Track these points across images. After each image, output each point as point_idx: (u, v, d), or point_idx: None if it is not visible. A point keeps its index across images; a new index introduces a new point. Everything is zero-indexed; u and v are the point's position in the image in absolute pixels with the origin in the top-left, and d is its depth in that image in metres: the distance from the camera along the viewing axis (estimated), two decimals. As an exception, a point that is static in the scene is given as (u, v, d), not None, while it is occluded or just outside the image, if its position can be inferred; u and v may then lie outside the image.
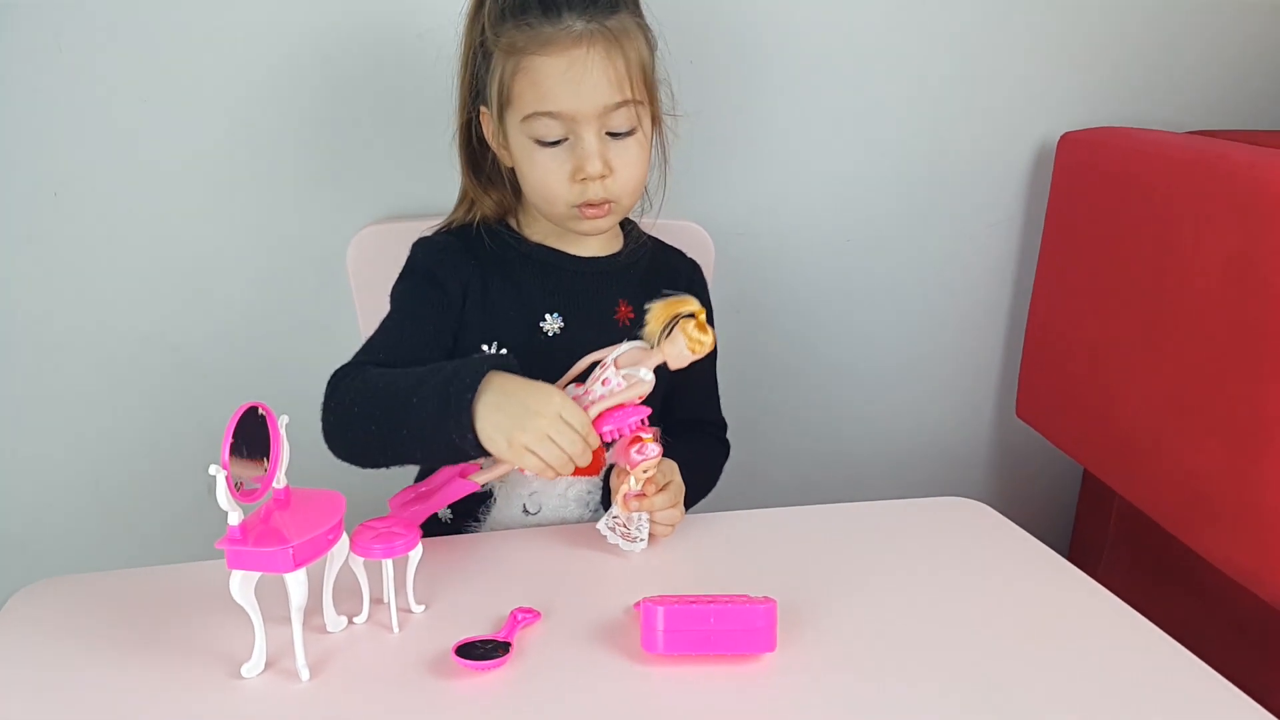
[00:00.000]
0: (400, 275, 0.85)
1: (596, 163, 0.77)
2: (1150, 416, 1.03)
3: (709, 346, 0.70)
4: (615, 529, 0.76)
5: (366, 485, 0.77)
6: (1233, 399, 0.91)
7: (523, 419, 0.67)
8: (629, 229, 0.91)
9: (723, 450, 0.97)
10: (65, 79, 1.01)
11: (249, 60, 1.04)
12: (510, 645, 0.63)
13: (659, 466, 0.75)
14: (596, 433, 0.70)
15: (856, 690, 0.60)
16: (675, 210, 0.93)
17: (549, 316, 0.84)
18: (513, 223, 0.89)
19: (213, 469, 0.55)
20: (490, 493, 0.85)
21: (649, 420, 0.73)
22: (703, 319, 0.70)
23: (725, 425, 0.98)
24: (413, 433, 0.70)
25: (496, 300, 0.84)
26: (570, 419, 0.68)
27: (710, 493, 0.92)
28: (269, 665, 0.62)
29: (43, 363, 1.11)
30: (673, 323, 0.70)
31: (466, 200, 0.89)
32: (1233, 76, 1.27)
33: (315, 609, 0.65)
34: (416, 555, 0.67)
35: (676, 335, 0.70)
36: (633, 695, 0.60)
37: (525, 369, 0.72)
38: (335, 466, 0.74)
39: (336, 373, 0.77)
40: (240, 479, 0.57)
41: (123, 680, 0.61)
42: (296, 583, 0.59)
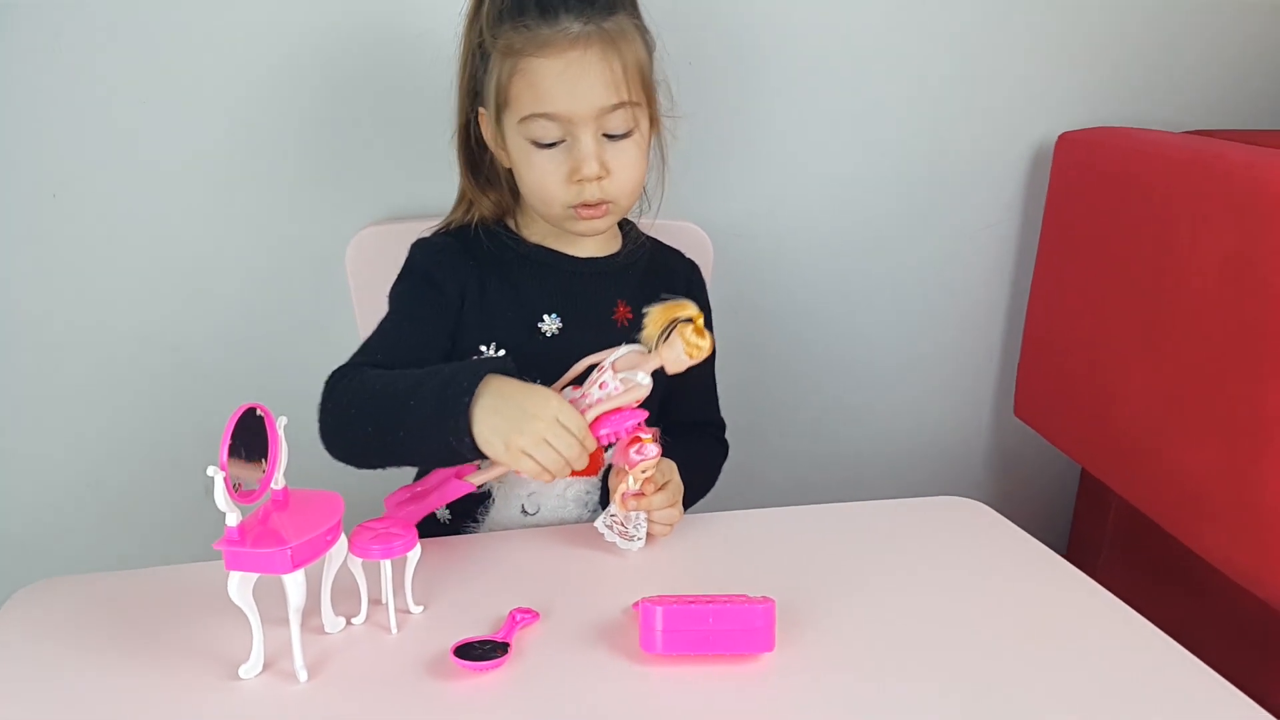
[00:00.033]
0: (398, 276, 0.85)
1: (593, 164, 0.77)
2: (1148, 416, 1.03)
3: (707, 351, 0.70)
4: (613, 527, 0.76)
5: (365, 486, 0.77)
6: (1231, 398, 0.91)
7: (520, 422, 0.67)
8: (627, 229, 0.91)
9: (721, 450, 0.97)
10: (65, 79, 1.01)
11: (248, 61, 1.04)
12: (509, 646, 0.63)
13: (657, 466, 0.75)
14: (593, 436, 0.70)
15: (855, 690, 0.60)
16: (674, 211, 0.93)
17: (547, 317, 0.84)
18: (511, 223, 0.89)
19: (211, 470, 0.55)
20: (489, 493, 0.85)
21: (646, 422, 0.73)
22: (701, 324, 0.70)
23: (724, 425, 0.98)
24: (410, 435, 0.70)
25: (495, 301, 0.84)
26: (567, 423, 0.68)
27: (709, 493, 0.92)
28: (267, 666, 0.62)
29: (42, 363, 1.11)
30: (671, 327, 0.70)
31: (465, 201, 0.89)
32: (1230, 76, 1.27)
33: (313, 610, 0.65)
34: (415, 556, 0.67)
35: (674, 340, 0.70)
36: (632, 695, 0.60)
37: (523, 369, 0.72)
38: (334, 467, 0.74)
39: (334, 373, 0.77)
40: (238, 480, 0.57)
41: (120, 681, 0.61)
42: (294, 584, 0.59)
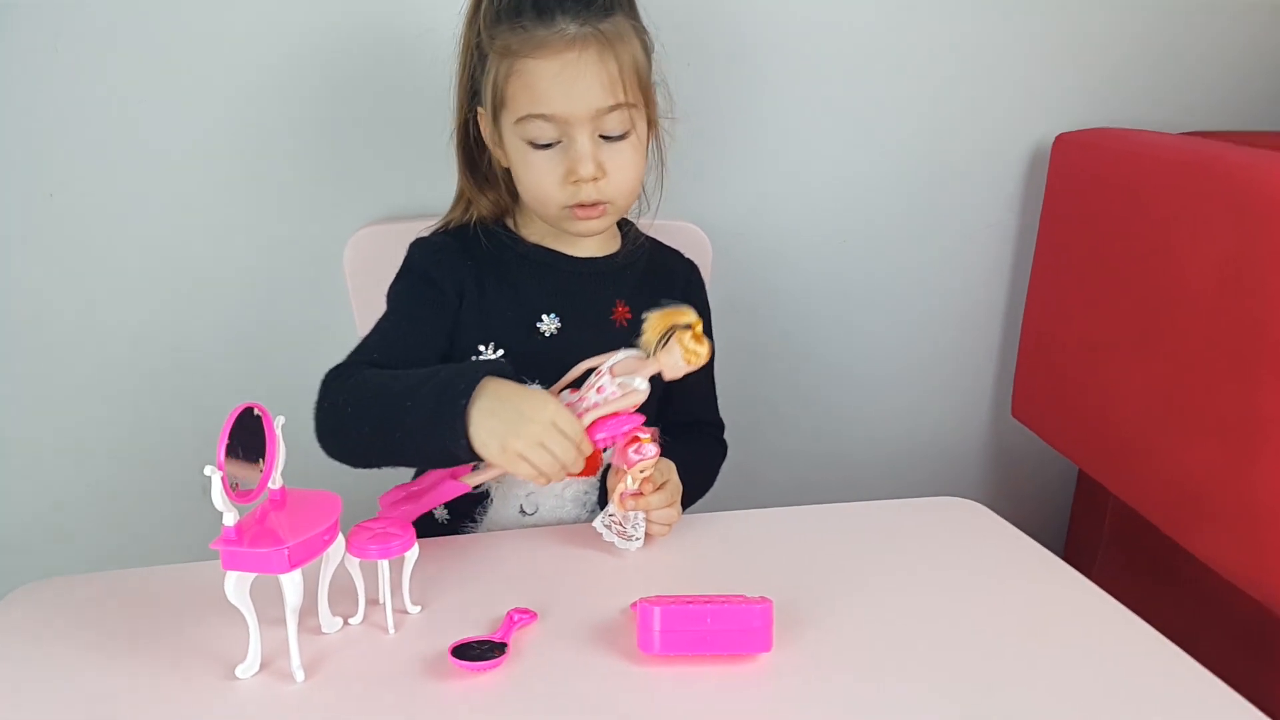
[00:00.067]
0: (397, 275, 0.85)
1: (589, 165, 0.77)
2: (1145, 417, 1.03)
3: (704, 358, 0.71)
4: (611, 527, 0.76)
5: (362, 486, 0.77)
6: (1227, 400, 0.91)
7: (517, 425, 0.67)
8: (627, 229, 0.91)
9: (720, 450, 0.97)
10: (63, 78, 1.00)
11: (246, 61, 1.04)
12: (506, 646, 0.63)
13: (656, 466, 0.75)
14: (589, 440, 0.70)
15: (852, 689, 0.60)
16: (673, 211, 0.93)
17: (546, 317, 0.84)
18: (510, 223, 0.89)
19: (208, 469, 0.55)
20: (487, 493, 0.85)
21: (645, 422, 0.73)
22: (699, 330, 0.70)
23: (723, 425, 0.98)
24: (406, 436, 0.69)
25: (493, 301, 0.84)
26: (564, 426, 0.68)
27: (707, 493, 0.92)
28: (264, 666, 0.62)
29: (38, 362, 1.11)
30: (669, 333, 0.70)
31: (463, 200, 0.89)
32: (1228, 78, 1.27)
33: (311, 610, 0.65)
34: (412, 556, 0.67)
35: (673, 346, 0.70)
36: (629, 696, 0.60)
37: (522, 369, 0.72)
38: (331, 467, 0.74)
39: (331, 372, 0.76)
40: (236, 479, 0.57)
41: (117, 680, 0.61)
42: (292, 584, 0.59)
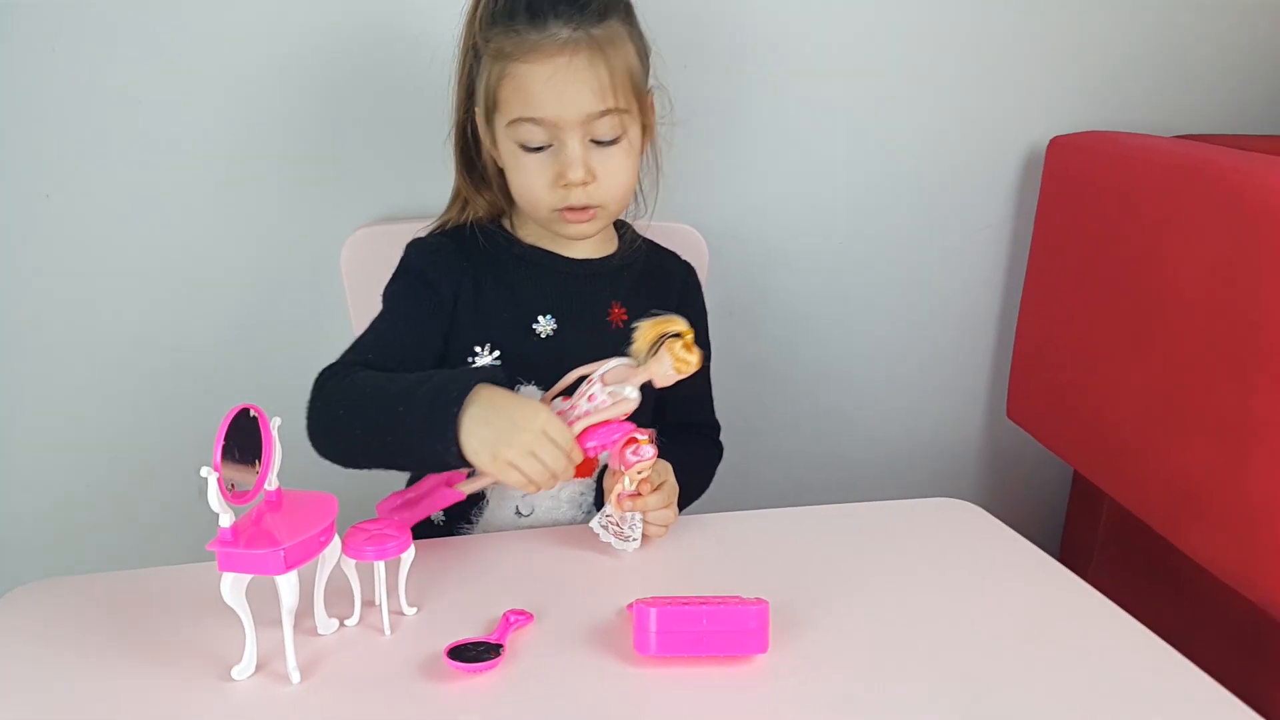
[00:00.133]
0: (393, 275, 0.85)
1: (579, 170, 0.77)
2: (1139, 418, 1.03)
3: (695, 366, 0.71)
4: (608, 528, 0.76)
5: (359, 487, 0.77)
6: (1220, 401, 0.92)
7: (508, 434, 0.67)
8: (623, 231, 0.91)
9: (716, 452, 0.97)
10: (61, 78, 1.00)
11: (244, 61, 1.03)
12: (502, 647, 0.63)
13: (653, 467, 0.75)
14: (580, 448, 0.70)
15: (848, 691, 0.61)
16: (669, 213, 0.94)
17: (542, 318, 0.84)
18: (506, 224, 0.89)
19: (204, 471, 0.55)
20: (483, 495, 0.85)
21: (641, 424, 0.73)
22: (689, 339, 0.71)
23: (719, 427, 0.98)
24: (398, 440, 0.69)
25: (490, 301, 0.84)
26: (554, 435, 0.68)
27: (703, 494, 0.92)
28: (260, 667, 0.61)
29: (36, 363, 1.11)
30: (660, 342, 0.71)
31: (460, 199, 0.88)
32: (1221, 82, 1.28)
33: (306, 611, 0.65)
34: (408, 557, 0.67)
35: (663, 354, 0.70)
36: (625, 697, 0.60)
37: (518, 371, 0.72)
38: (327, 468, 0.73)
39: (324, 371, 0.76)
40: (232, 481, 0.57)
41: (112, 682, 0.61)
42: (287, 585, 0.58)
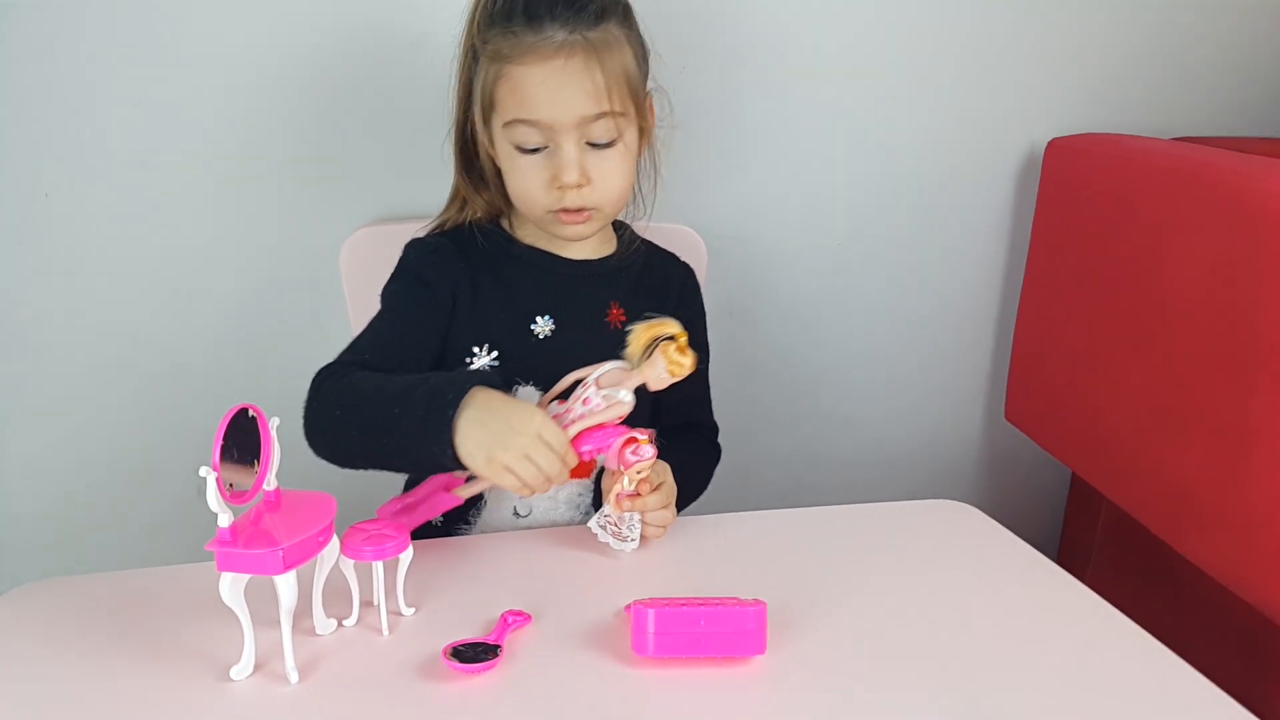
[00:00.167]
0: (391, 275, 0.85)
1: (573, 172, 0.77)
2: (1137, 421, 1.03)
3: (689, 369, 0.71)
4: (606, 528, 0.76)
5: (357, 488, 0.77)
6: (1218, 404, 0.92)
7: (503, 437, 0.67)
8: (622, 232, 0.92)
9: (715, 453, 0.97)
10: (59, 79, 1.00)
11: (243, 62, 1.04)
12: (500, 648, 0.63)
13: (652, 467, 0.75)
14: (575, 452, 0.71)
15: (845, 692, 0.61)
16: (668, 214, 0.94)
17: (540, 319, 0.84)
18: (505, 224, 0.89)
19: (203, 471, 0.55)
20: (481, 495, 0.85)
21: (640, 425, 0.73)
22: (683, 342, 0.71)
23: (717, 428, 0.99)
24: (394, 442, 0.70)
25: (488, 301, 0.84)
26: (549, 439, 0.68)
27: (701, 495, 0.92)
28: (258, 668, 0.61)
29: (35, 364, 1.10)
30: (654, 345, 0.71)
31: (458, 199, 0.88)
32: (1219, 84, 1.28)
33: (305, 611, 0.65)
34: (407, 558, 0.67)
35: (656, 358, 0.71)
36: (623, 698, 0.60)
37: (516, 371, 0.72)
38: (326, 468, 0.73)
39: (321, 371, 0.76)
40: (231, 481, 0.57)
41: (110, 682, 0.61)
42: (286, 585, 0.58)
